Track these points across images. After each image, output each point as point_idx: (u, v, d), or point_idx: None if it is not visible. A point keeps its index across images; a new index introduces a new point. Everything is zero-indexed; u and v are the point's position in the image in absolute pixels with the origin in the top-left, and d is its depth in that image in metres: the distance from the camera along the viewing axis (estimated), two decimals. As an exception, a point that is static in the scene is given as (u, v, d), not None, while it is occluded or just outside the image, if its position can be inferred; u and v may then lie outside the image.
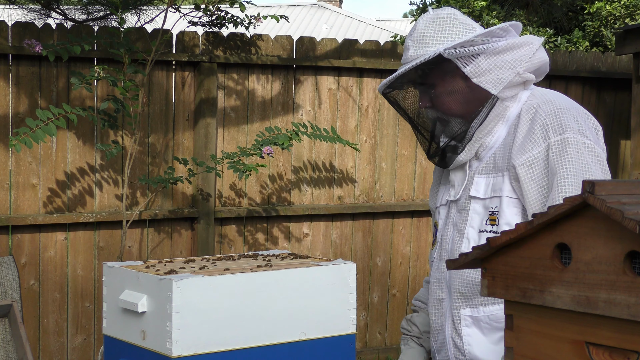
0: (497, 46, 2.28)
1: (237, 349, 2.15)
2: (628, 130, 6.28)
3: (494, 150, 2.35)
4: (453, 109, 2.35)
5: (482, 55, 2.28)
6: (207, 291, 2.10)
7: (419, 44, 2.33)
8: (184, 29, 5.38)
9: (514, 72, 2.29)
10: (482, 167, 2.36)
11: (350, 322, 2.32)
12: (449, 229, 2.44)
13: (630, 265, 1.28)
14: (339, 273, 2.30)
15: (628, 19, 7.88)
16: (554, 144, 2.22)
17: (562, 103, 2.29)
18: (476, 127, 2.33)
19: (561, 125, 2.23)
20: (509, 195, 2.29)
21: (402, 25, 22.93)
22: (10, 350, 3.26)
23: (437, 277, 2.46)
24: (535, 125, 2.26)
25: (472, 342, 2.36)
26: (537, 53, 2.35)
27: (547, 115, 2.26)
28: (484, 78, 2.28)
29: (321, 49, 5.48)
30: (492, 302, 2.32)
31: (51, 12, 5.60)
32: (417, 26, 2.35)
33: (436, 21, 2.34)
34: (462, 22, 2.34)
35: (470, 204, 2.37)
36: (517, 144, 2.27)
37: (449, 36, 2.31)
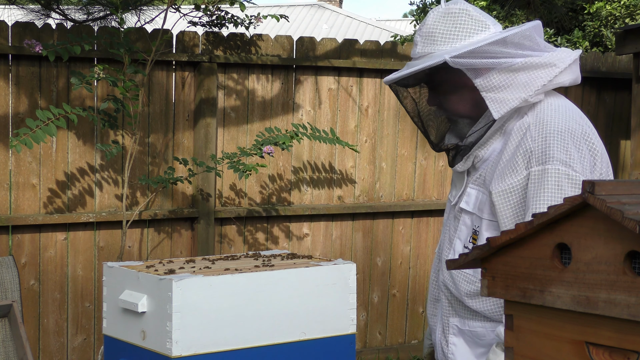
0: (514, 63, 2.11)
1: (237, 349, 2.15)
2: (628, 130, 6.28)
3: (488, 163, 2.25)
4: (457, 111, 2.24)
5: (495, 70, 2.11)
6: (207, 291, 2.10)
7: (427, 40, 2.20)
8: (184, 29, 5.38)
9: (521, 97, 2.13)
10: (476, 179, 2.27)
11: (350, 322, 2.32)
12: (445, 232, 2.39)
13: (630, 265, 1.28)
14: (339, 273, 2.30)
15: (628, 19, 7.88)
16: (533, 174, 2.08)
17: (555, 126, 2.12)
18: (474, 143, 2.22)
19: (545, 154, 2.08)
20: (488, 218, 2.20)
21: (402, 25, 22.94)
22: (10, 350, 3.26)
23: (436, 278, 2.43)
24: (520, 149, 2.12)
25: (455, 351, 2.32)
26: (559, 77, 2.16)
27: (534, 140, 2.10)
28: (491, 94, 2.13)
29: (321, 49, 5.48)
30: (474, 318, 2.28)
31: (51, 12, 5.60)
32: (427, 20, 2.21)
33: (447, 16, 2.19)
34: (475, 18, 2.19)
35: (461, 215, 2.30)
36: (500, 168, 2.16)
37: (459, 34, 2.17)
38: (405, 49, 5.74)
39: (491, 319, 2.25)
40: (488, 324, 2.26)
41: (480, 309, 2.25)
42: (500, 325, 2.11)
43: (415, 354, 5.82)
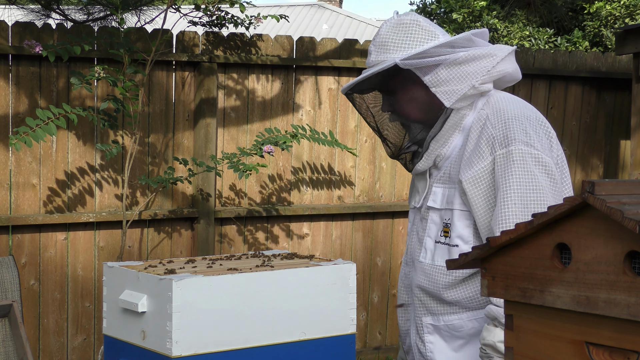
0: (458, 57, 2.28)
1: (237, 349, 2.15)
2: (628, 130, 6.28)
3: (451, 160, 2.35)
4: (413, 115, 2.36)
5: (442, 66, 2.27)
6: (207, 291, 2.10)
7: (381, 49, 2.34)
8: (184, 29, 5.38)
9: (469, 84, 2.28)
10: (440, 177, 2.38)
11: (350, 322, 2.32)
12: (413, 235, 2.47)
13: (630, 265, 1.28)
14: (339, 273, 2.30)
15: (628, 18, 7.88)
16: (499, 157, 2.21)
17: (512, 112, 2.27)
18: (432, 137, 2.34)
19: (507, 137, 2.22)
20: (459, 209, 2.30)
21: (402, 25, 22.89)
22: (10, 350, 3.26)
23: (404, 283, 2.50)
24: (482, 137, 2.26)
25: (434, 349, 2.39)
26: (500, 65, 2.33)
27: (494, 127, 2.25)
28: (440, 89, 2.28)
29: (321, 49, 5.48)
30: (451, 312, 2.36)
31: (51, 12, 5.60)
32: (381, 31, 2.36)
33: (399, 27, 2.34)
34: (425, 29, 2.34)
35: (428, 214, 2.39)
36: (465, 157, 2.28)
37: (411, 43, 2.32)
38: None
39: (467, 309, 2.34)
40: (464, 314, 2.35)
41: (458, 299, 2.34)
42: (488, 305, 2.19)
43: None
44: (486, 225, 2.24)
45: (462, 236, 2.31)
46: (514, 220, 2.15)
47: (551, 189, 2.21)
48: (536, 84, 6.13)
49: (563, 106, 6.22)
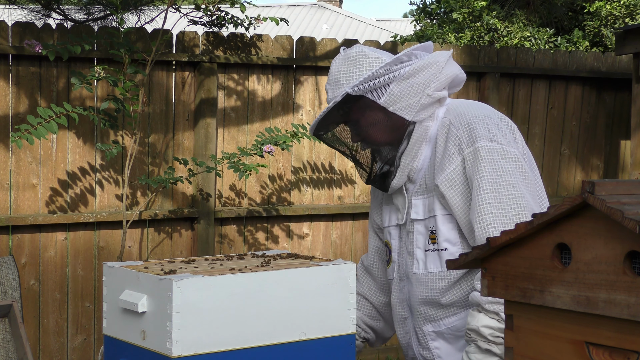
0: (404, 72, 2.37)
1: (237, 349, 2.15)
2: (628, 130, 6.28)
3: (424, 171, 2.46)
4: (379, 138, 2.45)
5: (393, 84, 2.37)
6: (207, 291, 2.10)
7: (335, 85, 2.44)
8: (184, 29, 5.38)
9: (422, 94, 2.38)
10: (417, 189, 2.48)
11: (350, 322, 2.32)
12: (402, 251, 2.56)
13: (630, 265, 1.28)
14: (339, 273, 2.30)
15: (628, 18, 7.88)
16: (467, 156, 2.33)
17: (473, 113, 2.38)
18: (401, 154, 2.43)
19: (472, 136, 2.33)
20: (441, 213, 2.41)
21: (402, 25, 22.94)
22: (10, 350, 3.26)
23: (399, 297, 2.58)
24: (449, 141, 2.37)
25: (441, 354, 2.49)
26: (445, 69, 2.42)
27: (459, 129, 2.36)
28: (397, 105, 2.38)
29: (321, 49, 5.48)
30: (450, 314, 2.45)
31: (51, 12, 5.60)
32: (332, 69, 2.46)
33: (347, 61, 2.45)
34: (371, 57, 2.44)
35: (413, 226, 2.49)
36: (437, 163, 2.40)
37: (361, 72, 2.42)
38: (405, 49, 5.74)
39: (465, 307, 2.44)
40: (463, 313, 2.45)
41: (455, 299, 2.43)
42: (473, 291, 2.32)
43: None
44: (467, 222, 2.35)
45: (449, 239, 2.40)
46: (490, 212, 2.27)
47: (522, 179, 2.32)
48: (536, 84, 6.13)
49: (563, 106, 6.22)
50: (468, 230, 2.35)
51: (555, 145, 6.23)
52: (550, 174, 6.22)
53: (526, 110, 6.11)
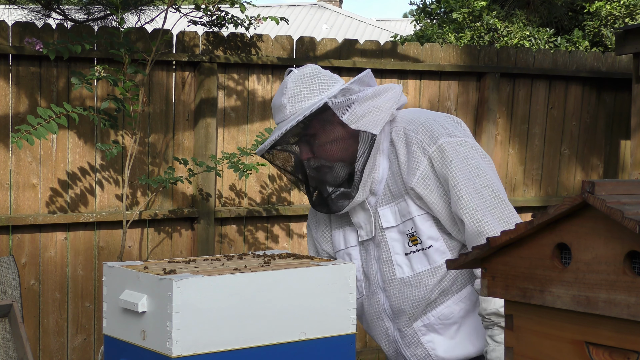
0: (367, 93, 2.48)
1: (237, 349, 2.15)
2: (628, 130, 6.28)
3: (384, 181, 2.53)
4: (335, 155, 2.51)
5: (356, 104, 2.46)
6: (207, 291, 2.10)
7: (294, 100, 2.50)
8: (184, 29, 5.38)
9: (389, 113, 2.49)
10: (382, 199, 2.54)
11: (350, 322, 2.32)
12: (371, 265, 2.59)
13: (630, 265, 1.28)
14: (339, 273, 2.30)
15: (628, 18, 7.88)
16: (433, 155, 2.43)
17: (422, 116, 2.51)
18: (362, 168, 2.49)
19: (431, 136, 2.44)
20: (418, 214, 2.48)
21: (402, 25, 22.94)
22: (10, 350, 3.26)
23: (376, 311, 2.62)
24: (410, 145, 2.47)
25: (434, 346, 2.56)
26: (402, 97, 2.56)
27: (416, 132, 2.47)
28: (362, 122, 2.46)
29: (321, 49, 5.48)
30: (437, 304, 2.53)
31: (51, 12, 5.60)
32: (288, 85, 2.52)
33: (304, 78, 2.52)
34: (327, 75, 2.54)
35: (385, 235, 2.54)
36: (404, 168, 2.48)
37: (320, 88, 2.50)
38: (406, 49, 5.74)
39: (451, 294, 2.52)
40: (450, 300, 2.52)
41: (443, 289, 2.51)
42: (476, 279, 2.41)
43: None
44: (448, 216, 2.45)
45: (432, 236, 2.49)
46: (472, 202, 2.38)
47: (485, 162, 2.46)
48: (536, 84, 6.13)
49: (563, 106, 6.22)
50: (451, 224, 2.45)
51: (555, 145, 6.23)
52: (550, 174, 6.23)
53: (526, 110, 6.11)
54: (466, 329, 2.53)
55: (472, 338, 2.54)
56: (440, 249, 2.48)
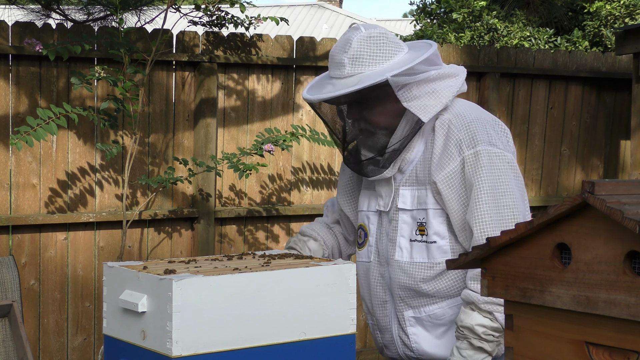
0: (429, 75, 2.45)
1: (237, 349, 2.15)
2: (628, 130, 6.28)
3: (415, 163, 2.52)
4: (380, 124, 2.50)
5: (415, 83, 2.44)
6: (207, 291, 2.10)
7: (355, 62, 2.45)
8: (184, 29, 5.38)
9: (443, 102, 2.45)
10: (406, 180, 2.53)
11: (350, 322, 2.32)
12: (382, 237, 2.61)
13: (630, 265, 1.28)
14: (339, 273, 2.30)
15: (628, 18, 7.88)
16: (468, 158, 2.41)
17: (472, 115, 2.47)
18: (400, 147, 2.48)
19: (473, 139, 2.42)
20: (433, 207, 2.48)
21: (402, 25, 22.94)
22: (10, 350, 3.26)
23: (380, 282, 2.64)
24: (449, 140, 2.44)
25: (418, 339, 2.58)
26: (463, 85, 2.52)
27: (459, 130, 2.44)
28: (415, 104, 2.43)
29: (321, 49, 5.48)
30: (431, 302, 2.54)
31: (51, 12, 5.60)
32: (352, 44, 2.46)
33: (370, 40, 2.46)
34: (393, 41, 2.49)
35: (398, 215, 2.55)
36: (435, 160, 2.46)
37: (384, 55, 2.45)
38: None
39: (446, 298, 2.53)
40: (444, 302, 2.54)
41: (438, 289, 2.52)
42: (464, 289, 2.42)
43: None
44: (460, 221, 2.44)
45: (439, 232, 2.48)
46: (489, 216, 2.38)
47: (516, 185, 2.44)
48: (536, 84, 6.13)
49: (563, 106, 6.22)
50: (461, 228, 2.45)
51: (555, 145, 6.23)
52: (550, 174, 6.23)
53: (526, 110, 6.11)
54: (453, 335, 2.53)
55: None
56: (443, 248, 2.49)
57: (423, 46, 2.53)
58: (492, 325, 2.36)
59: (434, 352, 2.57)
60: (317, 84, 2.58)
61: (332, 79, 2.51)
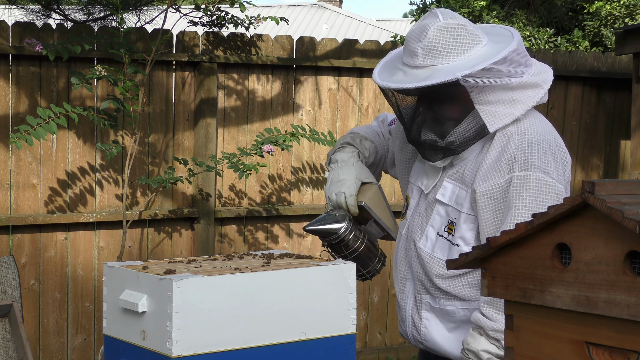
0: (511, 83, 2.32)
1: (237, 349, 2.15)
2: (628, 130, 6.28)
3: (466, 162, 2.45)
4: (446, 116, 2.41)
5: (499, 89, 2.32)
6: (207, 291, 2.10)
7: (429, 53, 2.34)
8: (184, 29, 5.38)
9: (515, 115, 2.34)
10: (452, 174, 2.47)
11: (350, 322, 2.32)
12: (416, 215, 2.57)
13: (630, 265, 1.28)
14: (339, 273, 2.30)
15: (628, 18, 7.88)
16: (516, 178, 2.31)
17: (535, 136, 2.35)
18: (460, 150, 2.41)
19: (527, 161, 2.31)
20: (467, 212, 2.41)
21: (402, 25, 22.93)
22: (10, 350, 3.26)
23: (404, 257, 2.60)
24: (503, 155, 2.34)
25: (429, 325, 2.54)
26: (544, 97, 2.39)
27: (517, 147, 2.33)
28: (485, 107, 2.34)
29: (321, 49, 5.48)
30: (445, 297, 2.50)
31: (51, 12, 5.60)
32: (428, 34, 2.34)
33: (447, 31, 2.34)
34: (471, 33, 2.36)
35: (435, 205, 2.49)
36: (484, 169, 2.37)
37: (460, 49, 2.33)
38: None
39: (460, 299, 2.48)
40: (458, 302, 2.49)
41: (451, 290, 2.48)
42: (476, 311, 2.35)
43: (415, 354, 5.82)
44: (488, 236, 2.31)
45: (465, 238, 2.42)
46: None
47: None
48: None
49: (563, 106, 6.22)
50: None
51: (555, 145, 6.22)
52: (550, 174, 6.22)
53: (526, 110, 6.10)
54: (462, 333, 2.50)
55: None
56: None
57: (504, 39, 2.39)
58: (498, 352, 2.31)
59: (441, 342, 2.53)
60: (388, 67, 2.46)
61: (404, 66, 2.40)
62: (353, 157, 2.66)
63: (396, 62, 2.46)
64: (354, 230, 2.58)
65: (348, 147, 2.71)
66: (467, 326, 2.48)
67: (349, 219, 2.58)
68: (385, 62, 2.51)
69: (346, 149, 2.70)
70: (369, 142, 2.74)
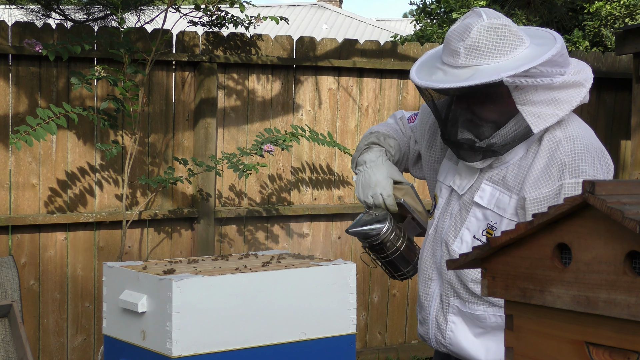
0: (553, 83, 2.30)
1: (237, 349, 2.15)
2: (628, 130, 6.28)
3: (508, 165, 2.38)
4: (488, 118, 2.36)
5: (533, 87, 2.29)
6: (207, 291, 2.10)
7: (472, 53, 2.29)
8: (184, 29, 5.38)
9: (560, 115, 2.31)
10: (492, 177, 2.40)
11: (350, 322, 2.32)
12: (446, 216, 2.49)
13: (630, 265, 1.28)
14: (339, 273, 2.30)
15: (628, 18, 7.88)
16: (567, 186, 2.27)
17: (583, 142, 2.33)
18: (502, 153, 2.35)
19: (578, 168, 2.28)
20: (510, 218, 2.35)
21: (402, 25, 22.94)
22: (10, 350, 3.26)
23: (430, 258, 2.53)
24: (553, 162, 2.30)
25: (455, 329, 2.46)
26: (586, 96, 2.39)
27: (567, 154, 2.30)
28: (529, 108, 2.30)
29: (321, 49, 5.48)
30: (476, 302, 2.42)
31: (51, 12, 5.60)
32: (471, 33, 2.29)
33: (490, 31, 2.30)
34: (515, 34, 2.32)
35: (472, 207, 2.42)
36: (533, 176, 2.32)
37: (503, 49, 2.29)
38: (405, 49, 5.74)
39: (492, 304, 2.39)
40: (490, 308, 2.41)
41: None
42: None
43: (415, 354, 5.82)
44: None
45: None
46: None
47: None
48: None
49: (563, 106, 6.21)
50: None
51: (555, 145, 6.22)
52: (550, 174, 6.22)
53: (526, 110, 6.10)
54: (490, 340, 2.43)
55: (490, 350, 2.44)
56: None
57: (547, 42, 2.35)
58: None
59: (467, 347, 2.46)
60: (426, 66, 2.41)
61: (444, 65, 2.35)
62: (382, 157, 2.62)
63: (434, 61, 2.41)
64: (395, 230, 2.53)
65: (374, 147, 2.67)
66: (495, 332, 2.41)
67: (390, 219, 2.53)
68: (422, 61, 2.46)
69: (373, 149, 2.65)
70: (392, 140, 2.69)
